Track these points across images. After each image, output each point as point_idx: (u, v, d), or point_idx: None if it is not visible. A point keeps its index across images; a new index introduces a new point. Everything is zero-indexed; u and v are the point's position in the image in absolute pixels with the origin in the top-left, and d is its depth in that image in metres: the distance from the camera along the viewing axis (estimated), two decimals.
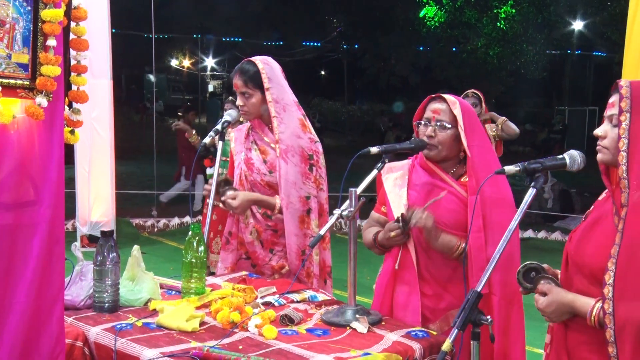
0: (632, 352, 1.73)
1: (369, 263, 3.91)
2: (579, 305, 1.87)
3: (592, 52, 21.64)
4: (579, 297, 1.87)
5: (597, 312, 1.82)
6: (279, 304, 2.45)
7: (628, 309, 1.74)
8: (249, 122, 3.07)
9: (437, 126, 2.47)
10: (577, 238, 1.96)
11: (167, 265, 6.45)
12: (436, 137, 2.47)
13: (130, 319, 2.22)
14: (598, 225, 1.91)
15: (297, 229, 2.91)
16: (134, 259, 2.45)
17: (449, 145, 2.47)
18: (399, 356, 2.02)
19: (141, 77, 27.63)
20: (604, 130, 1.90)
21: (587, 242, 1.91)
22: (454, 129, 2.46)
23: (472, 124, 2.48)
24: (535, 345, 3.75)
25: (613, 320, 1.75)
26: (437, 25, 18.55)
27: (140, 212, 9.15)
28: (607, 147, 1.88)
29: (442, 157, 2.50)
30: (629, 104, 1.83)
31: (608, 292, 1.77)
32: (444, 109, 2.48)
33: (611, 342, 1.76)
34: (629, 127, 1.82)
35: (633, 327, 1.73)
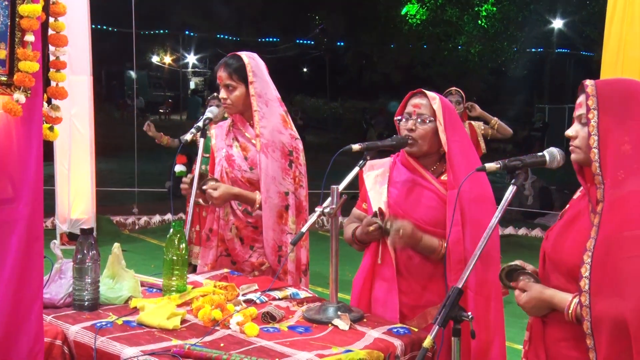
0: (608, 344, 1.76)
1: (350, 260, 3.91)
2: (557, 300, 1.89)
3: (571, 50, 21.85)
4: (557, 293, 1.90)
5: (575, 307, 1.84)
6: (260, 301, 2.44)
7: (604, 303, 1.76)
8: (230, 118, 3.06)
9: (418, 120, 2.49)
10: (554, 236, 1.98)
11: (148, 263, 6.41)
12: (416, 130, 2.49)
13: (110, 317, 2.21)
14: (574, 223, 1.93)
15: (275, 223, 2.92)
16: (115, 256, 2.43)
17: (429, 139, 2.49)
18: (380, 353, 2.03)
19: (122, 73, 27.41)
20: (575, 131, 1.92)
21: (564, 240, 1.93)
22: (434, 123, 2.48)
23: (451, 120, 2.50)
24: (516, 341, 3.78)
25: (590, 312, 1.78)
26: (418, 23, 18.61)
27: (121, 209, 9.09)
28: (579, 147, 1.90)
29: (423, 152, 2.52)
30: (596, 102, 1.85)
31: (584, 285, 1.79)
32: (425, 104, 2.51)
33: (588, 334, 1.79)
34: (598, 124, 1.84)
35: (610, 321, 1.75)
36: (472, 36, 17.99)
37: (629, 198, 1.78)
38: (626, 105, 1.84)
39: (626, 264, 1.74)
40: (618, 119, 1.83)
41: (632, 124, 1.82)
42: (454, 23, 18.16)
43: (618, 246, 1.76)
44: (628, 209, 1.78)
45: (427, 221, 2.46)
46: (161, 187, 10.54)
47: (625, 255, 1.74)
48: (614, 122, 1.83)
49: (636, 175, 1.79)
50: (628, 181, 1.79)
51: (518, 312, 2.39)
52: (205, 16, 21.70)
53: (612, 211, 1.80)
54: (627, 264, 1.74)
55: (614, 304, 1.74)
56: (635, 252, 1.74)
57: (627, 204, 1.78)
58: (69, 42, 1.95)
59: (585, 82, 1.91)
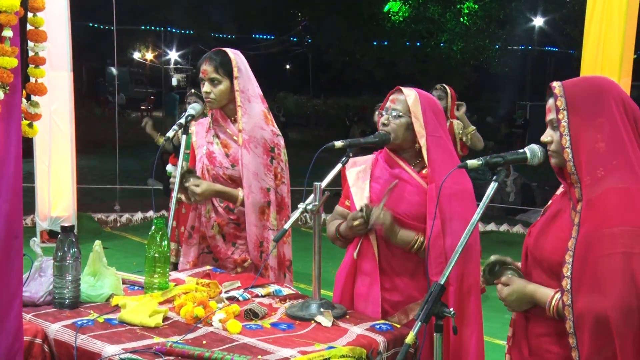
0: (590, 342, 1.77)
1: (333, 257, 3.91)
2: (539, 295, 1.90)
3: (552, 48, 22.04)
4: (539, 288, 1.91)
5: (556, 302, 1.86)
6: (243, 298, 2.44)
7: (585, 301, 1.77)
8: (209, 114, 3.04)
9: (392, 115, 2.53)
10: (536, 233, 2.00)
11: (130, 261, 6.37)
12: (389, 125, 2.54)
13: (91, 315, 2.19)
14: (556, 220, 1.95)
15: (257, 219, 2.92)
16: (96, 254, 2.41)
17: (401, 134, 2.52)
18: (363, 349, 2.03)
19: (103, 69, 27.18)
20: (550, 136, 1.93)
21: (546, 236, 1.95)
22: (406, 118, 2.51)
23: (432, 116, 2.51)
24: (497, 336, 3.82)
25: (572, 311, 1.79)
26: (401, 20, 18.66)
27: (103, 206, 9.02)
28: (555, 151, 1.92)
29: (396, 145, 2.55)
30: (564, 102, 1.86)
31: (566, 285, 1.81)
32: (400, 100, 2.55)
33: (571, 333, 1.80)
34: (568, 124, 1.85)
35: (590, 318, 1.76)
36: (455, 33, 18.07)
37: (608, 195, 1.79)
38: (595, 103, 1.84)
39: (605, 261, 1.75)
40: (588, 118, 1.83)
41: (603, 121, 1.82)
42: (436, 20, 18.23)
43: (597, 244, 1.77)
44: (606, 206, 1.78)
45: (410, 215, 2.47)
46: (143, 184, 10.47)
47: (604, 252, 1.75)
48: (585, 121, 1.84)
49: (615, 171, 1.80)
50: (607, 178, 1.80)
51: (499, 307, 2.41)
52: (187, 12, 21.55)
53: (591, 209, 1.81)
54: (606, 261, 1.75)
55: (595, 301, 1.75)
56: (614, 249, 1.74)
57: (606, 201, 1.79)
58: (48, 37, 1.93)
59: (552, 84, 1.92)
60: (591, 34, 4.87)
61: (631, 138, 1.82)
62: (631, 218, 1.76)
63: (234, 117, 2.96)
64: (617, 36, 4.71)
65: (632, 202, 1.77)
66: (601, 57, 4.78)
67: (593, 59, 4.83)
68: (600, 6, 4.81)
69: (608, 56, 4.75)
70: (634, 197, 1.78)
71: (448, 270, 1.91)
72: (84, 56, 20.70)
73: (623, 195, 1.78)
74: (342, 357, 1.97)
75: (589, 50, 4.89)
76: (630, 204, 1.77)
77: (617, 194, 1.78)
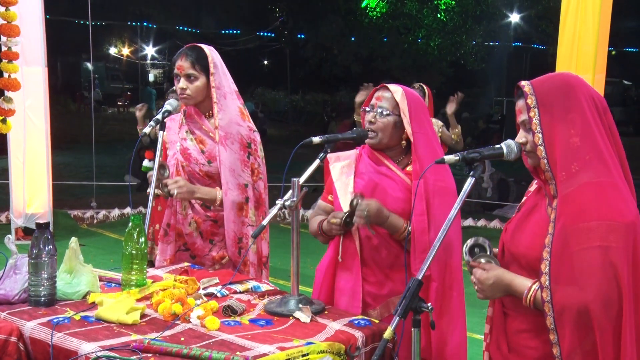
0: (571, 337, 1.79)
1: (312, 253, 3.92)
2: (517, 284, 1.91)
3: (528, 44, 22.24)
4: (517, 277, 1.92)
5: (533, 293, 1.87)
6: (221, 294, 2.43)
7: (565, 295, 1.79)
8: (182, 111, 2.99)
9: (378, 113, 2.52)
10: (512, 229, 2.02)
11: (107, 258, 6.32)
12: (376, 123, 2.52)
13: (68, 312, 2.17)
14: (532, 216, 1.97)
15: (235, 216, 2.91)
16: (72, 251, 2.38)
17: (389, 132, 2.51)
18: (341, 345, 2.04)
19: (78, 65, 26.82)
20: (524, 137, 1.95)
21: (522, 232, 1.97)
22: (395, 116, 2.50)
23: (418, 112, 2.52)
24: (475, 331, 3.85)
25: (552, 307, 1.80)
26: (379, 16, 18.68)
27: (79, 203, 8.92)
28: (531, 152, 1.93)
29: (383, 144, 2.54)
30: (535, 100, 1.88)
31: (545, 281, 1.82)
32: (387, 97, 2.53)
33: (552, 329, 1.81)
34: (540, 121, 1.87)
35: (571, 312, 1.78)
36: (432, 29, 18.15)
37: (582, 190, 1.81)
38: (565, 99, 1.86)
39: (582, 255, 1.77)
40: (560, 114, 1.85)
41: (575, 116, 1.84)
42: (413, 16, 18.29)
43: (574, 238, 1.79)
44: (581, 201, 1.81)
45: (393, 211, 2.48)
46: (120, 180, 10.37)
47: (581, 246, 1.78)
48: (557, 118, 1.85)
49: (589, 166, 1.82)
50: (581, 173, 1.82)
51: (478, 302, 2.44)
52: (163, 7, 21.35)
53: (566, 205, 1.83)
54: (583, 255, 1.77)
55: (575, 295, 1.77)
56: (590, 243, 1.77)
57: (581, 196, 1.81)
58: (22, 32, 1.91)
59: (520, 84, 1.94)
60: (566, 31, 4.93)
61: (601, 131, 1.85)
62: (606, 212, 1.78)
63: (208, 113, 2.95)
64: (591, 33, 4.77)
65: (606, 196, 1.80)
66: (576, 53, 4.84)
67: (568, 55, 4.88)
68: (575, 3, 4.87)
69: (583, 52, 4.81)
70: (608, 191, 1.80)
71: (426, 266, 1.92)
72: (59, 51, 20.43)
73: (597, 190, 1.80)
74: (320, 352, 1.97)
75: (564, 47, 4.95)
76: (604, 198, 1.80)
77: (592, 189, 1.80)
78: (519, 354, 1.97)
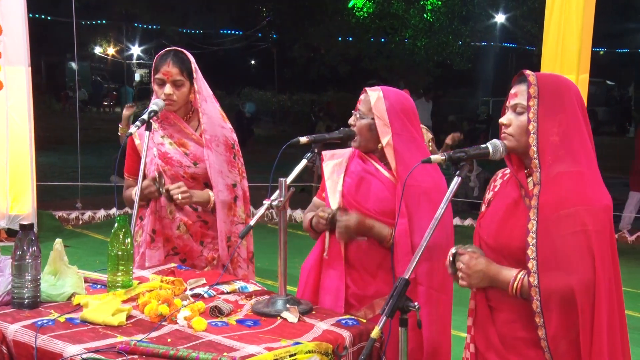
0: (558, 319, 1.85)
1: (299, 253, 3.91)
2: (503, 274, 1.95)
3: (513, 44, 22.35)
4: (502, 269, 1.97)
5: (520, 281, 1.91)
6: (208, 295, 2.42)
7: (552, 280, 1.85)
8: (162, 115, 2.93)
9: (357, 116, 2.56)
10: (489, 223, 2.05)
11: (93, 259, 6.27)
12: (355, 126, 2.57)
13: (52, 314, 2.15)
14: (509, 209, 2.02)
15: (226, 216, 2.95)
16: (56, 252, 2.36)
17: (364, 135, 2.55)
18: (329, 345, 2.04)
19: (63, 64, 26.62)
20: (508, 119, 2.03)
21: (505, 226, 2.00)
22: (368, 119, 2.53)
23: (398, 114, 2.51)
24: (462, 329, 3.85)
25: (539, 291, 1.86)
26: (365, 16, 18.69)
27: (64, 204, 8.84)
28: (512, 134, 2.01)
29: (362, 146, 2.58)
30: (537, 91, 1.97)
31: (532, 267, 1.88)
32: (364, 100, 2.58)
33: (538, 312, 1.87)
34: (537, 111, 1.96)
35: (558, 296, 1.84)
36: (418, 30, 18.17)
37: (559, 179, 1.92)
38: (561, 99, 1.97)
39: (566, 240, 1.86)
40: (553, 111, 1.96)
41: (562, 118, 1.95)
42: (400, 16, 18.30)
43: (557, 225, 1.88)
44: (560, 189, 1.91)
45: (378, 211, 2.49)
46: (106, 181, 10.30)
47: (564, 232, 1.86)
48: (550, 113, 1.96)
49: (561, 159, 1.94)
50: (555, 165, 1.93)
51: (461, 301, 2.44)
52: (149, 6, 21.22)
53: (547, 193, 1.92)
54: (567, 240, 1.86)
55: (561, 279, 1.84)
56: (573, 228, 1.86)
57: (558, 184, 1.91)
58: (4, 31, 1.89)
59: (525, 72, 2.03)
60: (551, 31, 4.96)
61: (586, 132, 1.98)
62: (585, 197, 1.89)
63: (187, 117, 2.97)
64: (575, 33, 4.81)
65: (584, 183, 1.92)
66: (560, 54, 4.88)
67: (553, 55, 4.92)
68: (559, 4, 4.90)
69: (567, 52, 4.84)
70: (586, 179, 1.93)
71: (412, 265, 1.92)
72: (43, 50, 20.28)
73: (577, 178, 1.92)
74: (308, 352, 1.97)
75: (549, 47, 4.98)
76: (584, 184, 1.91)
77: (572, 177, 1.92)
78: (510, 345, 1.99)
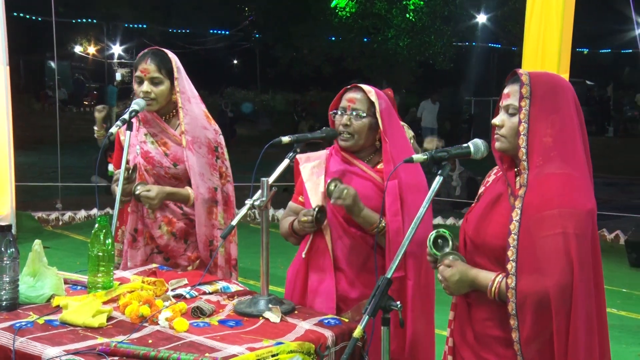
0: (531, 324, 1.84)
1: (283, 253, 3.90)
2: (480, 279, 1.96)
3: (495, 44, 22.51)
4: (481, 272, 1.97)
5: (497, 285, 1.91)
6: (190, 296, 2.40)
7: (528, 281, 1.84)
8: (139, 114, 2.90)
9: (353, 115, 2.50)
10: (475, 218, 2.05)
11: (73, 260, 6.21)
12: (352, 125, 2.51)
13: (31, 316, 2.12)
14: (495, 206, 2.02)
15: (206, 219, 2.91)
16: (35, 253, 2.33)
17: (365, 134, 2.51)
18: (311, 344, 2.03)
19: (42, 63, 26.32)
20: (501, 120, 2.00)
21: (486, 223, 2.01)
22: (370, 117, 2.50)
23: (389, 112, 2.52)
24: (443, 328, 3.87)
25: (515, 294, 1.85)
26: (348, 16, 18.72)
27: (44, 205, 8.75)
28: (504, 136, 1.99)
29: (359, 146, 2.54)
30: (529, 91, 1.94)
31: (511, 268, 1.87)
32: (360, 98, 2.52)
33: (513, 315, 1.86)
34: (529, 112, 1.93)
35: (533, 298, 1.83)
36: (401, 29, 18.23)
37: (548, 179, 1.89)
38: (554, 99, 1.94)
39: (545, 242, 1.84)
40: (546, 111, 1.93)
41: (556, 118, 1.92)
42: (382, 16, 18.35)
43: (538, 226, 1.86)
44: (546, 190, 1.88)
45: None
46: (86, 181, 10.21)
47: (544, 233, 1.84)
48: (542, 114, 1.93)
49: (552, 160, 1.91)
50: (545, 166, 1.90)
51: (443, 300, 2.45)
52: (130, 5, 21.07)
53: (533, 194, 1.90)
54: (546, 242, 1.83)
55: (537, 281, 1.83)
56: (553, 230, 1.84)
57: (545, 185, 1.89)
58: None
59: (519, 71, 2.00)
60: (531, 32, 4.99)
61: (578, 133, 1.95)
62: (569, 200, 1.86)
63: (167, 116, 2.94)
64: (555, 33, 4.84)
65: (570, 185, 1.88)
66: (541, 54, 4.91)
67: (534, 55, 4.95)
68: (540, 4, 4.94)
69: (548, 52, 4.88)
70: (573, 182, 1.89)
71: (395, 264, 1.93)
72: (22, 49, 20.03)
73: (563, 180, 1.89)
74: (290, 352, 1.96)
75: (529, 47, 5.01)
76: (569, 187, 1.88)
77: (558, 179, 1.89)
78: (483, 342, 2.01)
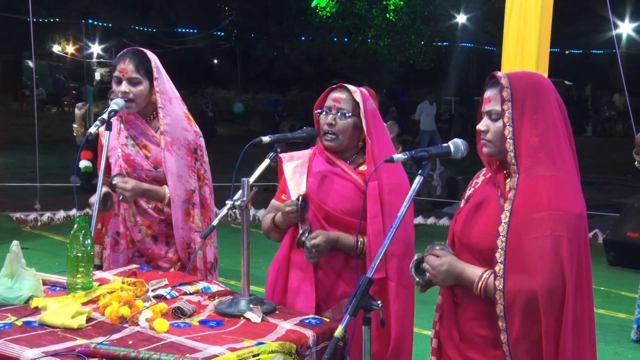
0: (519, 324, 1.84)
1: (264, 253, 3.89)
2: (468, 272, 1.96)
3: (474, 44, 22.66)
4: (468, 267, 1.97)
5: (484, 281, 1.92)
6: (171, 296, 2.39)
7: (515, 282, 1.85)
8: (120, 117, 2.89)
9: (338, 115, 2.51)
10: (463, 220, 2.06)
11: (52, 261, 6.15)
12: (336, 125, 2.51)
13: (9, 318, 2.09)
14: (483, 207, 2.02)
15: (183, 222, 2.88)
16: (13, 254, 2.31)
17: (349, 134, 2.52)
18: (292, 344, 2.03)
19: (19, 62, 26.00)
20: (486, 125, 1.99)
21: (475, 224, 2.01)
22: (355, 117, 2.50)
23: (373, 113, 2.53)
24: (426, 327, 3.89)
25: (503, 295, 1.86)
26: (329, 16, 18.73)
27: (22, 205, 8.64)
28: (490, 141, 1.98)
29: (343, 146, 2.54)
30: (510, 93, 1.93)
31: (499, 270, 1.88)
32: (345, 98, 2.52)
33: (501, 316, 1.87)
34: (512, 115, 1.92)
35: (521, 299, 1.83)
36: (381, 29, 18.29)
37: (537, 182, 1.89)
38: (536, 99, 1.93)
39: (534, 243, 1.84)
40: (529, 112, 1.92)
41: (540, 118, 1.91)
42: (363, 16, 18.40)
43: (527, 228, 1.86)
44: (535, 192, 1.88)
45: (344, 211, 2.49)
46: (65, 181, 10.10)
47: (533, 235, 1.84)
48: (526, 115, 1.92)
49: (541, 162, 1.90)
50: (534, 168, 1.90)
51: (426, 299, 2.46)
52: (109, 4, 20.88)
53: (522, 197, 1.89)
54: (535, 243, 1.84)
55: (525, 283, 1.83)
56: (542, 232, 1.84)
57: (535, 187, 1.88)
58: None
59: (497, 74, 1.98)
60: (510, 32, 5.04)
61: (564, 132, 1.94)
62: (558, 203, 1.86)
63: (149, 118, 2.92)
64: (534, 34, 4.88)
65: (560, 188, 1.88)
66: (520, 54, 4.95)
67: (513, 55, 4.99)
68: (518, 5, 4.98)
69: (527, 52, 4.92)
70: (562, 184, 1.89)
71: (376, 263, 1.93)
72: None
73: (552, 182, 1.88)
74: (271, 352, 1.96)
75: (509, 47, 5.06)
76: (558, 190, 1.88)
77: (547, 181, 1.88)
78: (470, 342, 2.01)
